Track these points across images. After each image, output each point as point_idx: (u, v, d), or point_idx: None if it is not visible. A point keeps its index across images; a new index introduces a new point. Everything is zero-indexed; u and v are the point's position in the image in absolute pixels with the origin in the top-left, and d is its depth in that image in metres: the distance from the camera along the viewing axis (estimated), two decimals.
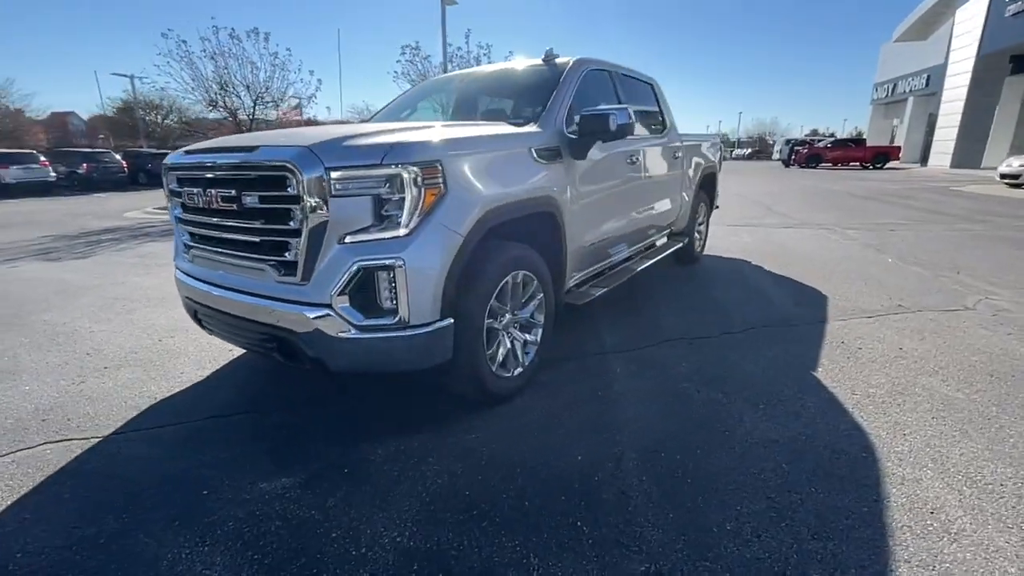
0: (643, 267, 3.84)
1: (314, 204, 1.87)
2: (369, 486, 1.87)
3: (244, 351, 3.03)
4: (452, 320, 2.06)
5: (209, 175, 2.17)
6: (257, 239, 2.07)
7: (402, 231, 1.91)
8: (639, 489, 1.83)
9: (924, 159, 29.57)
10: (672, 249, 4.59)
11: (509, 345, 2.49)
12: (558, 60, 3.31)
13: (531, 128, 2.68)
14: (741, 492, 1.79)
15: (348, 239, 1.90)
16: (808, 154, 30.15)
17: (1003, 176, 14.44)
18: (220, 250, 2.24)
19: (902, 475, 1.88)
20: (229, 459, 2.04)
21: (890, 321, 3.51)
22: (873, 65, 39.16)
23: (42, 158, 18.13)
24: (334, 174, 1.85)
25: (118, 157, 20.93)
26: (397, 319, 1.94)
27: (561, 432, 2.21)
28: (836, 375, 2.70)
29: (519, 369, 2.54)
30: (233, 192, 2.05)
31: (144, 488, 1.87)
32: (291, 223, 1.94)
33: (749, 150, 60.97)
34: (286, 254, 1.99)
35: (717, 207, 6.18)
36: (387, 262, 1.88)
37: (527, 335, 2.62)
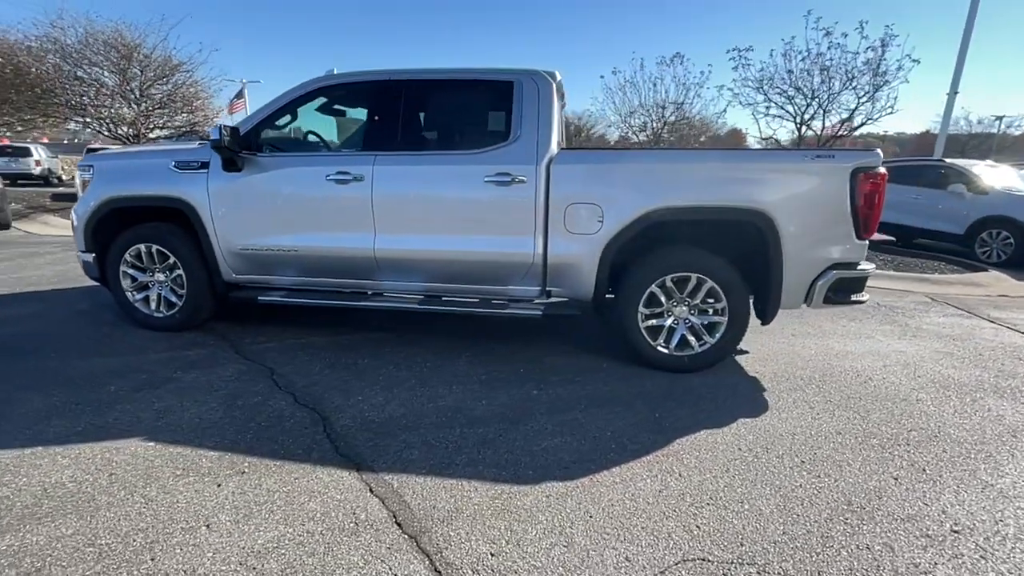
0: (367, 305, 3.44)
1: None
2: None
3: None
4: (95, 254, 3.61)
5: None
6: None
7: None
8: None
9: None
10: (497, 312, 3.28)
11: (155, 297, 3.64)
12: None
13: (196, 146, 3.48)
14: None
15: None
16: None
17: None
18: None
19: None
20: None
21: None
22: None
23: None
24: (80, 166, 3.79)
25: None
26: None
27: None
28: None
29: (161, 316, 3.65)
30: None
31: None
32: None
33: None
34: None
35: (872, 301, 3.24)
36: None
37: (173, 298, 3.62)
